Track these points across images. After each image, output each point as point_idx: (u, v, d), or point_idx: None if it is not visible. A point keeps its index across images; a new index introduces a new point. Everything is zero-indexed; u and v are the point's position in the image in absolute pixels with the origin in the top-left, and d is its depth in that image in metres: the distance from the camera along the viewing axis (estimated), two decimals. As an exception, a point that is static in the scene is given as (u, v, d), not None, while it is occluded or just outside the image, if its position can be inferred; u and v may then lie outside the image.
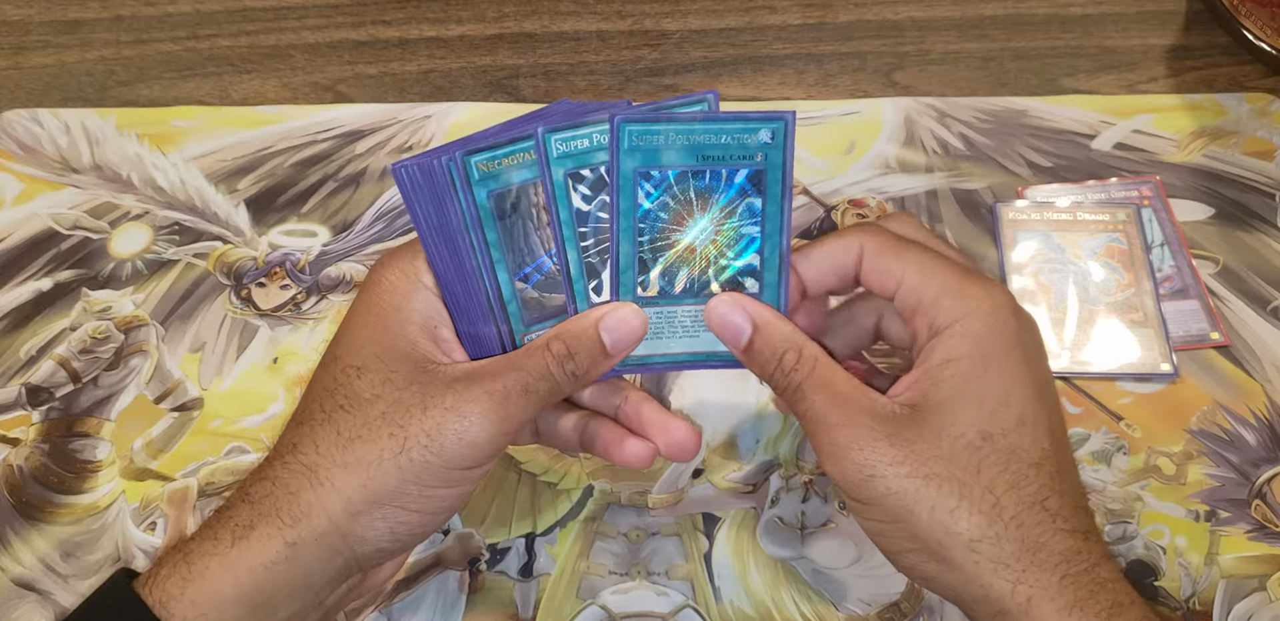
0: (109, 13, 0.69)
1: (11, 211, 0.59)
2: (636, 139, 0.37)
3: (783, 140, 0.37)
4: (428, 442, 0.35)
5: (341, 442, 0.36)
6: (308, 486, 0.35)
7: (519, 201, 0.37)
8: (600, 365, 0.38)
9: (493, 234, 0.37)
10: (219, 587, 0.34)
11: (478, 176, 0.37)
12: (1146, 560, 0.47)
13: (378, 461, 0.35)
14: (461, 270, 0.38)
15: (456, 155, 0.36)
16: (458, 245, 0.37)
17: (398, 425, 0.36)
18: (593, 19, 0.68)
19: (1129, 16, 0.66)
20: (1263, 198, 0.58)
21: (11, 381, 0.53)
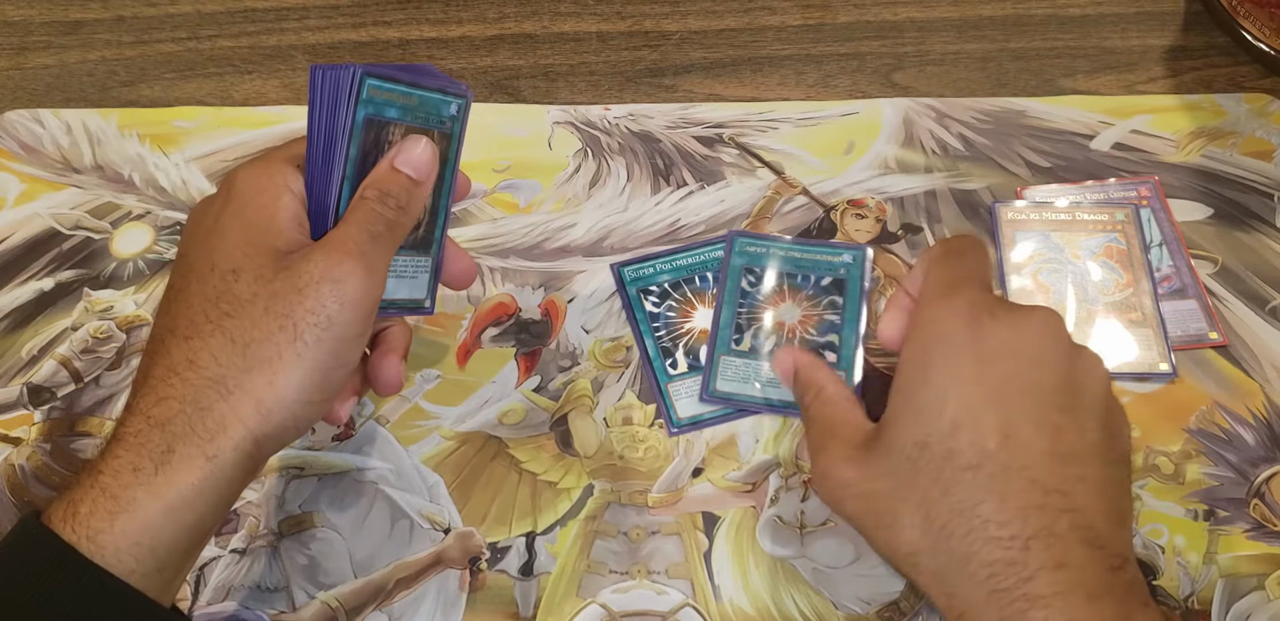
0: (110, 13, 0.69)
1: (13, 212, 0.60)
2: (745, 248, 0.55)
3: (861, 263, 0.54)
4: (315, 320, 0.37)
5: (238, 349, 0.37)
6: (218, 399, 0.36)
7: (380, 134, 0.41)
8: (415, 194, 0.41)
9: (355, 149, 0.41)
10: (149, 514, 0.35)
11: (365, 97, 0.40)
12: (1145, 559, 0.47)
13: (278, 356, 0.37)
14: (329, 176, 0.41)
15: (359, 71, 0.40)
16: (334, 152, 0.40)
17: (283, 315, 0.37)
18: (593, 20, 0.68)
19: (1127, 17, 0.67)
20: (1261, 198, 0.58)
21: (13, 381, 0.54)
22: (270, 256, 0.38)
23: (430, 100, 0.43)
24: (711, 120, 0.62)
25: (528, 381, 0.53)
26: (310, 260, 0.38)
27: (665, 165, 0.61)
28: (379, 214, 0.40)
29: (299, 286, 0.37)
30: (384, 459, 0.51)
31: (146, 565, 0.35)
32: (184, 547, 0.36)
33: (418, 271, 0.45)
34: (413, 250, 0.44)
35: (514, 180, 0.60)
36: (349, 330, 0.38)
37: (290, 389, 0.37)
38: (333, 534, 0.49)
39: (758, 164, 0.60)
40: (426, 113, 0.43)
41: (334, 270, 0.37)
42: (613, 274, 0.54)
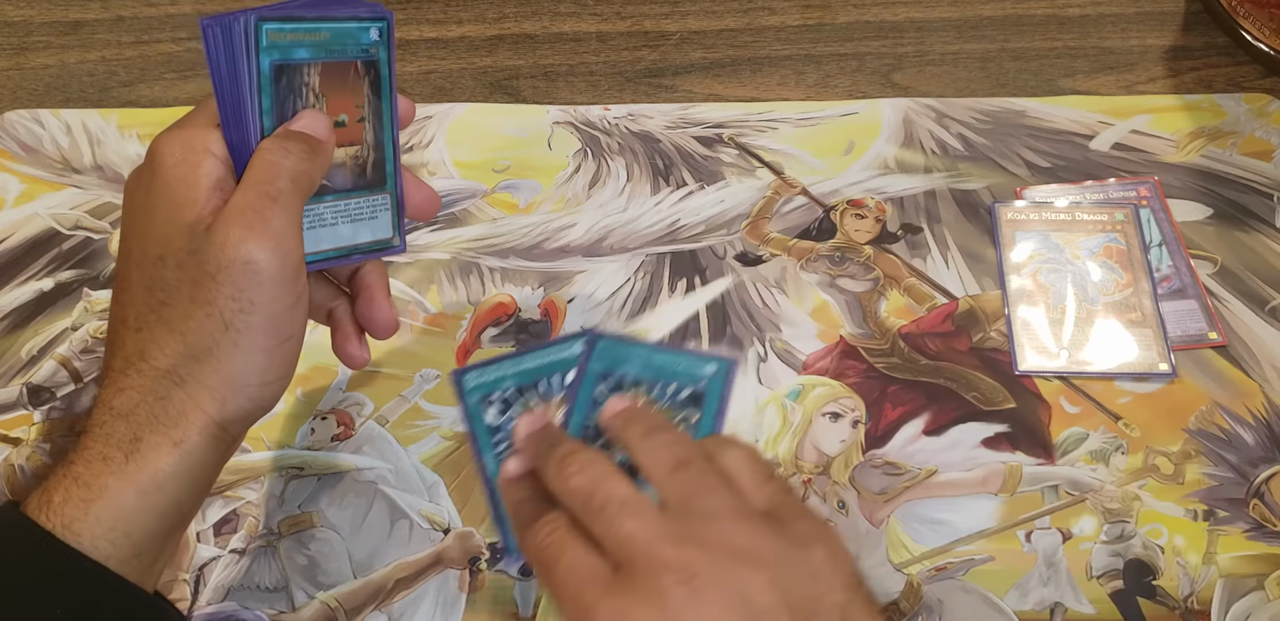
0: (110, 13, 0.69)
1: (13, 212, 0.60)
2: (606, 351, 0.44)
3: (723, 376, 0.42)
4: (238, 306, 0.36)
5: (179, 339, 0.37)
6: (174, 387, 0.36)
7: (294, 78, 0.40)
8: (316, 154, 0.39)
9: (267, 100, 0.39)
10: (122, 501, 0.35)
11: (265, 44, 0.38)
12: (1145, 559, 0.47)
13: (215, 345, 0.36)
14: (245, 134, 0.39)
15: (251, 18, 0.38)
16: (245, 108, 0.39)
17: (207, 303, 0.36)
18: (592, 20, 0.68)
19: (1127, 17, 0.67)
20: (1261, 198, 0.58)
21: (13, 381, 0.54)
22: (185, 237, 0.37)
23: (343, 31, 0.41)
24: (711, 120, 0.62)
25: (527, 381, 0.53)
26: (213, 241, 0.36)
27: (665, 165, 0.61)
28: (278, 170, 0.38)
29: (211, 272, 0.36)
30: (383, 459, 0.51)
31: (123, 550, 0.35)
32: (160, 532, 0.37)
33: (377, 210, 0.43)
34: (366, 190, 0.43)
35: (514, 180, 0.60)
36: (276, 306, 0.37)
37: (238, 375, 0.37)
38: (332, 534, 0.49)
39: (757, 164, 0.60)
40: (343, 45, 0.41)
41: (240, 251, 0.36)
42: (452, 382, 0.45)
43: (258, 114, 0.39)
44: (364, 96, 0.42)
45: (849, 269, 0.56)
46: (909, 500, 0.49)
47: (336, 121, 0.41)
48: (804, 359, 0.53)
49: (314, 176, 0.39)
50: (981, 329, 0.54)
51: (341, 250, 0.42)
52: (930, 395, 0.52)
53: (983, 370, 0.53)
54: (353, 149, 0.42)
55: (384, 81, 0.43)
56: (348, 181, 0.42)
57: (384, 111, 0.43)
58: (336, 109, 0.41)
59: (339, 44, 0.41)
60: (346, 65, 0.41)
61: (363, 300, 0.44)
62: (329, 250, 0.41)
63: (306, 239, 0.40)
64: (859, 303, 0.55)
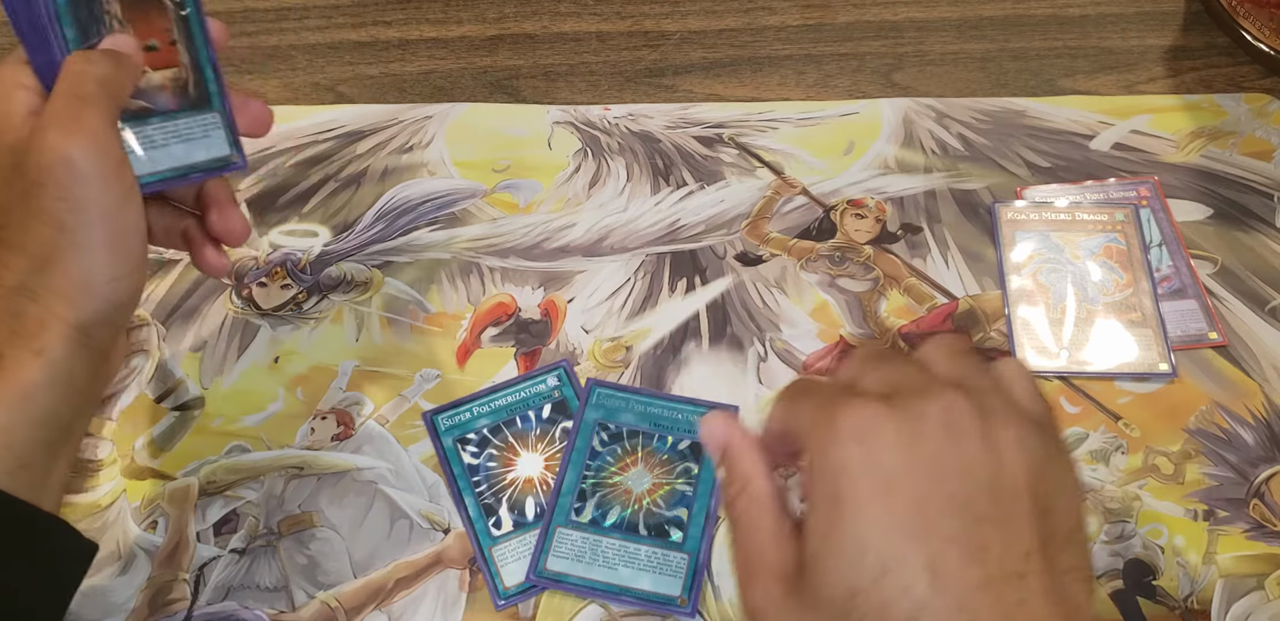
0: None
1: None
2: (603, 400, 0.47)
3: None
4: (67, 205, 0.37)
5: (20, 254, 0.38)
6: (27, 302, 0.37)
7: (94, 5, 0.41)
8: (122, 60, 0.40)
9: (70, 31, 0.40)
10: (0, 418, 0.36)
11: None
12: (1145, 559, 0.47)
13: (56, 250, 0.37)
14: (53, 62, 0.40)
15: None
16: (49, 38, 0.40)
17: (40, 211, 0.37)
18: (592, 20, 0.68)
19: (1127, 17, 0.67)
20: (1261, 198, 0.58)
21: None
22: (7, 156, 0.38)
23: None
24: (711, 120, 0.62)
25: (527, 381, 0.53)
26: (32, 150, 0.38)
27: (665, 165, 0.61)
28: (85, 73, 0.39)
29: (35, 179, 0.37)
30: (383, 458, 0.51)
31: (6, 462, 0.36)
32: (42, 442, 0.37)
33: (208, 129, 0.44)
34: (193, 110, 0.44)
35: (514, 180, 0.60)
36: (105, 199, 0.38)
37: (85, 275, 0.38)
38: (332, 533, 0.49)
39: (757, 164, 0.60)
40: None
41: (58, 150, 0.37)
42: (425, 423, 0.49)
43: (61, 43, 0.40)
44: (170, 20, 0.43)
45: (849, 269, 0.56)
46: (909, 500, 0.49)
47: (147, 46, 0.43)
48: (804, 359, 0.53)
49: (122, 83, 0.40)
50: (981, 329, 0.54)
51: (179, 170, 0.43)
52: (930, 395, 0.52)
53: (983, 370, 0.53)
54: (170, 71, 0.43)
55: (190, 5, 0.44)
56: (171, 103, 0.43)
57: (195, 33, 0.44)
58: (145, 34, 0.43)
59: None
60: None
61: (213, 213, 0.45)
62: (166, 171, 0.43)
63: (141, 161, 0.42)
64: (859, 302, 0.55)
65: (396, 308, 0.55)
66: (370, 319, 0.55)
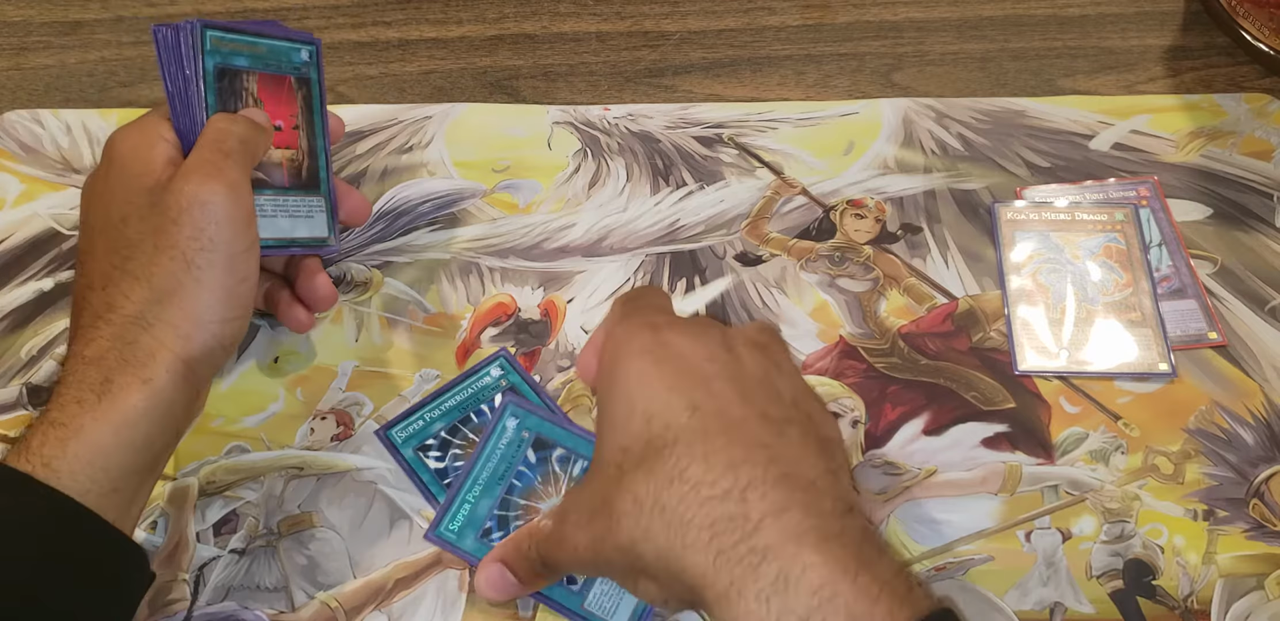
0: (110, 14, 0.69)
1: (13, 212, 0.60)
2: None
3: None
4: (199, 244, 0.40)
5: (143, 285, 0.40)
6: (141, 332, 0.40)
7: (235, 82, 0.46)
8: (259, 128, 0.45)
9: (212, 97, 0.45)
10: (98, 438, 0.37)
11: (209, 47, 0.45)
12: (1145, 559, 0.47)
13: (179, 285, 0.40)
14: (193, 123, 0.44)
15: (198, 25, 0.44)
16: (191, 101, 0.45)
17: (170, 247, 0.40)
18: (592, 20, 0.68)
19: (1127, 17, 0.67)
20: (1261, 198, 0.58)
21: (13, 381, 0.54)
22: (145, 196, 0.42)
23: (279, 48, 0.48)
24: (711, 120, 0.62)
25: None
26: (172, 190, 0.41)
27: (665, 165, 0.61)
28: (228, 131, 0.43)
29: (173, 217, 0.40)
30: (383, 459, 0.51)
31: (101, 485, 0.37)
32: (135, 468, 0.39)
33: (312, 210, 0.48)
34: (302, 191, 0.48)
35: (513, 180, 0.60)
36: (234, 245, 0.41)
37: (201, 311, 0.40)
38: (332, 534, 0.49)
39: (757, 164, 0.60)
40: (278, 60, 0.48)
41: (198, 194, 0.40)
42: (380, 442, 0.50)
43: (203, 109, 0.45)
44: (298, 108, 0.49)
45: (849, 269, 0.56)
46: (908, 500, 0.49)
47: (274, 126, 0.48)
48: (804, 359, 0.53)
49: (258, 145, 0.45)
50: (981, 329, 0.54)
51: (281, 241, 0.47)
52: (930, 395, 0.52)
53: (982, 370, 0.53)
54: (288, 152, 0.48)
55: (315, 98, 0.49)
56: (284, 180, 0.48)
57: (316, 124, 0.49)
58: (273, 115, 0.48)
59: (275, 59, 0.48)
60: (282, 79, 0.48)
61: (301, 280, 0.50)
62: (269, 239, 0.46)
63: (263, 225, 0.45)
64: (859, 302, 0.55)
65: (396, 308, 0.55)
66: (370, 319, 0.55)
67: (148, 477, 0.40)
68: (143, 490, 0.40)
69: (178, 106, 0.45)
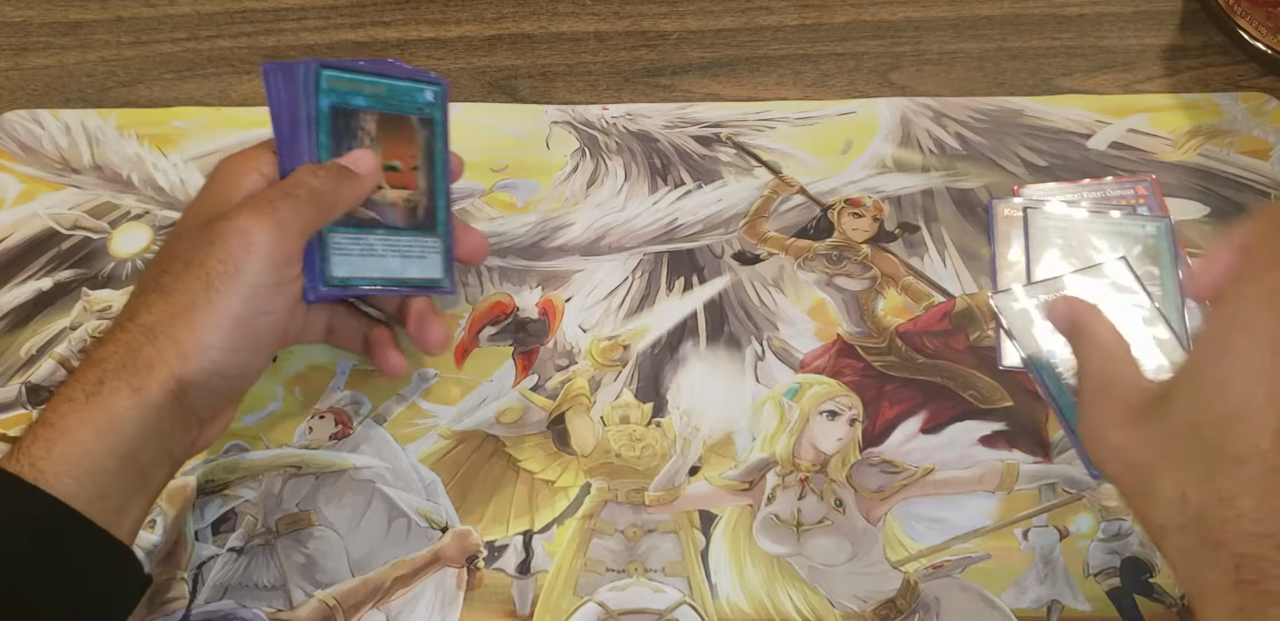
0: (109, 14, 0.69)
1: (12, 212, 0.60)
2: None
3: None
4: (224, 268, 0.40)
5: (165, 299, 0.41)
6: (146, 343, 0.40)
7: (352, 121, 0.45)
8: (349, 180, 0.44)
9: (324, 136, 0.44)
10: (83, 440, 0.37)
11: (324, 86, 0.44)
12: (1142, 557, 0.47)
13: (194, 304, 0.40)
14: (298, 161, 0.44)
15: (314, 65, 0.44)
16: (299, 140, 0.44)
17: (199, 265, 0.41)
18: (590, 20, 0.68)
19: (1125, 16, 0.67)
20: (1258, 196, 0.58)
21: (12, 380, 0.54)
22: (205, 219, 0.42)
23: (400, 88, 0.46)
24: (709, 120, 0.62)
25: (525, 380, 0.53)
26: (225, 216, 0.41)
27: (663, 164, 0.61)
28: (303, 181, 0.43)
29: (211, 238, 0.41)
30: (381, 457, 0.51)
31: (88, 490, 0.37)
32: (121, 475, 0.38)
33: (426, 251, 0.48)
34: (418, 231, 0.47)
35: (512, 180, 0.60)
36: (259, 278, 0.41)
37: (207, 334, 0.40)
38: (330, 532, 0.49)
39: (755, 163, 0.60)
40: (400, 100, 0.46)
41: (240, 224, 0.41)
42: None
43: (313, 146, 0.44)
44: (419, 148, 0.47)
45: (846, 267, 0.56)
46: (906, 498, 0.49)
47: (390, 165, 0.46)
48: (801, 357, 0.53)
49: (335, 198, 0.44)
50: (979, 327, 0.54)
51: (390, 281, 0.46)
52: (927, 393, 0.52)
53: (980, 368, 0.53)
54: (405, 192, 0.47)
55: (438, 138, 0.48)
56: (399, 220, 0.47)
57: (436, 165, 0.48)
58: (391, 154, 0.46)
59: (396, 99, 0.46)
60: (403, 119, 0.47)
61: (413, 320, 0.49)
62: (377, 279, 0.46)
63: (356, 264, 0.45)
64: (856, 301, 0.55)
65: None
66: (368, 318, 0.55)
67: (139, 492, 0.39)
68: (133, 504, 0.39)
69: (284, 144, 0.45)
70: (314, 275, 0.45)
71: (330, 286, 0.45)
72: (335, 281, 0.45)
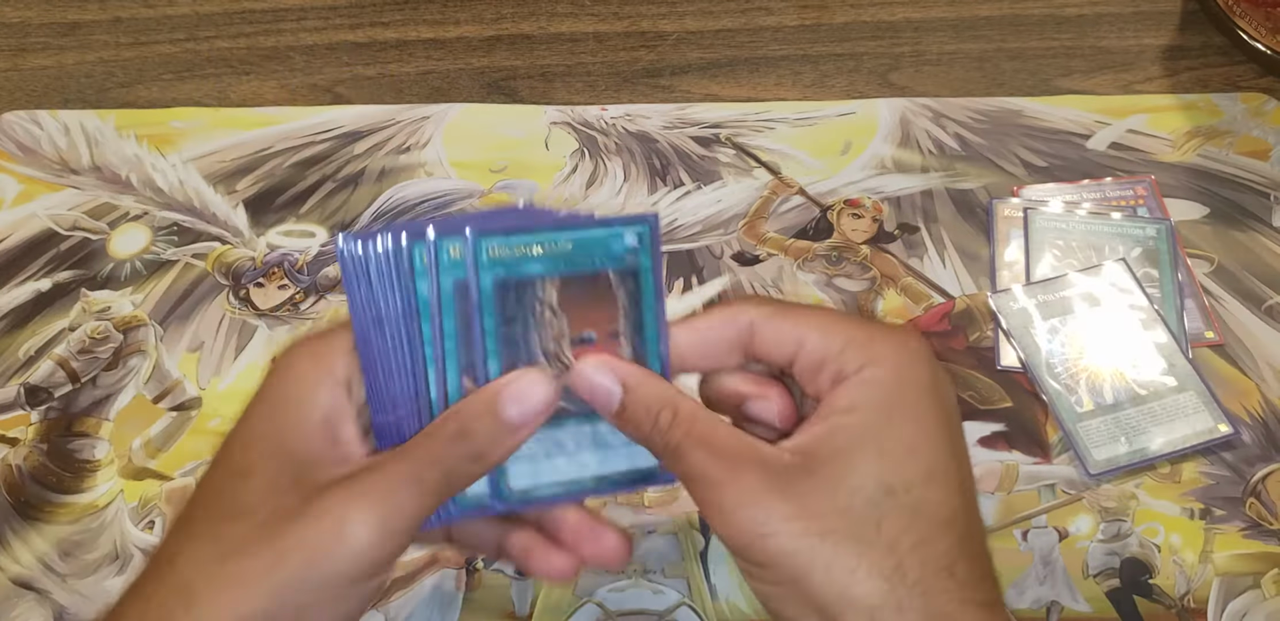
0: (108, 15, 0.69)
1: (11, 212, 0.60)
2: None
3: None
4: (304, 555, 0.31)
5: (218, 557, 0.32)
6: (180, 609, 0.32)
7: (524, 295, 0.34)
8: (504, 441, 0.33)
9: (490, 321, 0.34)
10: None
11: (485, 260, 0.33)
12: (1141, 558, 0.47)
13: (252, 580, 0.31)
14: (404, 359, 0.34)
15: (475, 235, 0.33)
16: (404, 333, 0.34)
17: (276, 535, 0.32)
18: (590, 20, 0.68)
19: (1124, 17, 0.67)
20: (1257, 197, 0.58)
21: (10, 381, 0.54)
22: (290, 463, 0.33)
23: (592, 240, 0.35)
24: (708, 120, 0.62)
25: (524, 381, 0.53)
26: (332, 491, 0.32)
27: (662, 165, 0.61)
28: (440, 458, 0.33)
29: (304, 511, 0.32)
30: (380, 458, 0.51)
31: None
32: None
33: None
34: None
35: (511, 180, 0.60)
36: (339, 575, 0.32)
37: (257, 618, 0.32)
38: (329, 533, 0.49)
39: (754, 164, 0.60)
40: (590, 254, 0.35)
41: (345, 509, 0.32)
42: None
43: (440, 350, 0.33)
44: (619, 309, 0.36)
45: (846, 268, 0.56)
46: (905, 499, 0.49)
47: (582, 337, 0.35)
48: (801, 358, 0.53)
49: (481, 469, 0.33)
50: (978, 328, 0.54)
51: (583, 482, 0.35)
52: (927, 394, 0.52)
53: (979, 369, 0.53)
54: None
55: (647, 291, 0.36)
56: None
57: (646, 325, 0.36)
58: (581, 324, 0.35)
59: (585, 254, 0.35)
60: (596, 277, 0.35)
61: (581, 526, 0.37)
62: (569, 481, 0.35)
63: (541, 469, 0.35)
64: (856, 302, 0.55)
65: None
66: (367, 319, 0.55)
67: None
68: None
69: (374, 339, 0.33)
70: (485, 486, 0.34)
71: (507, 501, 0.35)
72: (514, 496, 0.35)
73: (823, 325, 0.34)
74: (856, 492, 0.31)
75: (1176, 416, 0.49)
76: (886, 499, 0.31)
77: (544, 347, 0.35)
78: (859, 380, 0.33)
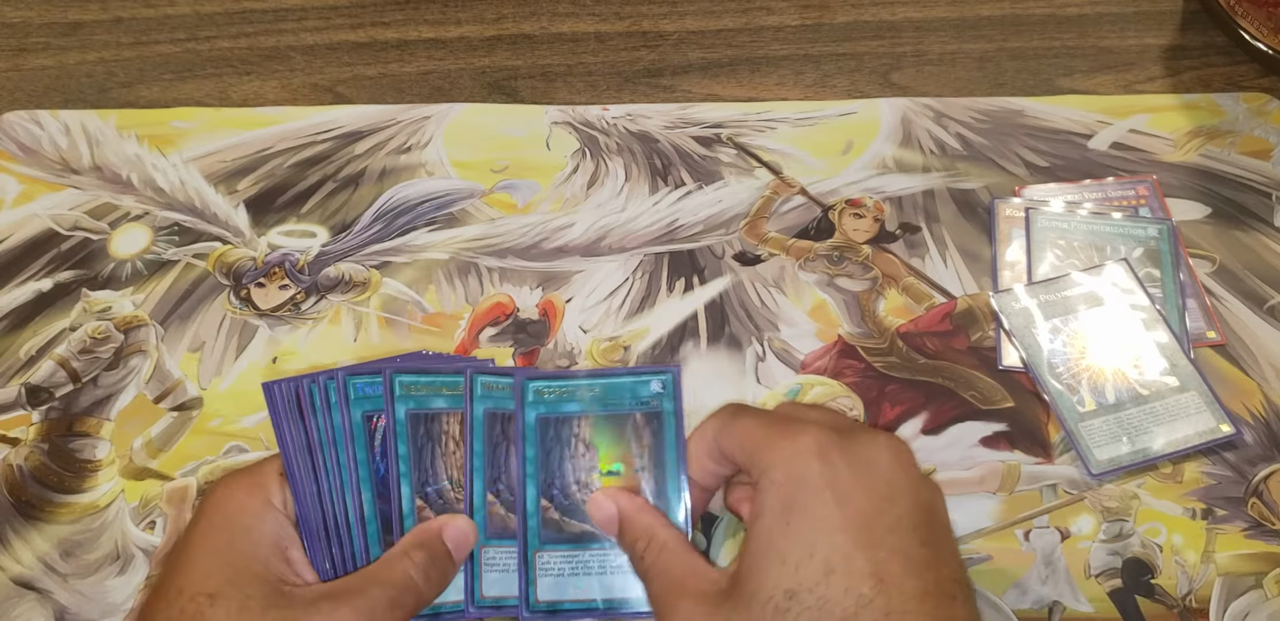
0: (109, 15, 0.69)
1: (11, 212, 0.60)
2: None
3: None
4: None
5: None
6: None
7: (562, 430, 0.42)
8: (450, 573, 0.39)
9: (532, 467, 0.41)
10: None
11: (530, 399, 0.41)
12: (1143, 558, 0.47)
13: None
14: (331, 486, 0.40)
15: (339, 375, 0.40)
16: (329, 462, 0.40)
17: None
18: (591, 20, 0.68)
19: (1125, 17, 0.67)
20: (1259, 197, 0.58)
21: (11, 381, 0.54)
22: (258, 585, 0.35)
23: (620, 386, 0.42)
24: (709, 120, 0.62)
25: (525, 381, 0.53)
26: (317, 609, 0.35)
27: (663, 165, 0.61)
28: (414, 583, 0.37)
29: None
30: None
31: None
32: None
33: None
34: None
35: (512, 180, 0.60)
36: None
37: None
38: (330, 533, 0.49)
39: (755, 164, 0.60)
40: (618, 397, 0.42)
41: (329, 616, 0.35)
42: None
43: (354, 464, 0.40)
44: (645, 446, 0.42)
45: (847, 268, 0.56)
46: (907, 499, 0.49)
47: (610, 470, 0.42)
48: (802, 358, 0.53)
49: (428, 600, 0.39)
50: (980, 328, 0.54)
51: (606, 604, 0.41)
52: (928, 394, 0.52)
53: (981, 369, 0.53)
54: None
55: (668, 430, 0.42)
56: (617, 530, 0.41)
57: (669, 461, 0.42)
58: (611, 458, 0.42)
59: (614, 397, 0.42)
60: (624, 417, 0.42)
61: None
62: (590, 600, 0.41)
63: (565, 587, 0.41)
64: (857, 302, 0.55)
65: (394, 308, 0.55)
66: (368, 319, 0.55)
67: None
68: None
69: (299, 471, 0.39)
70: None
71: (534, 612, 0.41)
72: (540, 606, 0.41)
73: (744, 433, 0.38)
74: (767, 603, 0.33)
75: (1178, 416, 0.49)
76: (792, 603, 0.33)
77: (576, 477, 0.42)
78: (763, 486, 0.36)
